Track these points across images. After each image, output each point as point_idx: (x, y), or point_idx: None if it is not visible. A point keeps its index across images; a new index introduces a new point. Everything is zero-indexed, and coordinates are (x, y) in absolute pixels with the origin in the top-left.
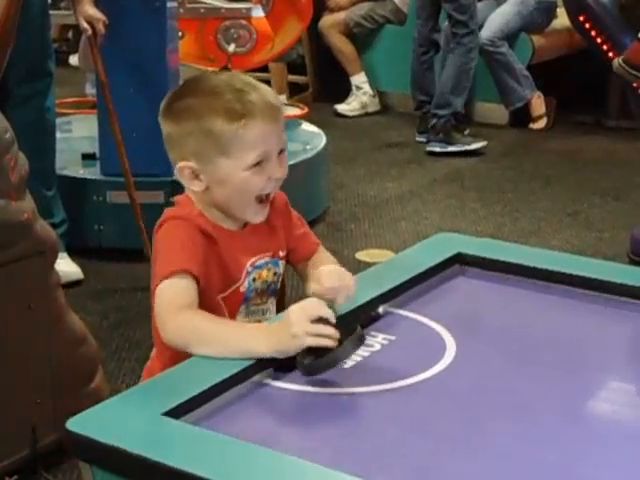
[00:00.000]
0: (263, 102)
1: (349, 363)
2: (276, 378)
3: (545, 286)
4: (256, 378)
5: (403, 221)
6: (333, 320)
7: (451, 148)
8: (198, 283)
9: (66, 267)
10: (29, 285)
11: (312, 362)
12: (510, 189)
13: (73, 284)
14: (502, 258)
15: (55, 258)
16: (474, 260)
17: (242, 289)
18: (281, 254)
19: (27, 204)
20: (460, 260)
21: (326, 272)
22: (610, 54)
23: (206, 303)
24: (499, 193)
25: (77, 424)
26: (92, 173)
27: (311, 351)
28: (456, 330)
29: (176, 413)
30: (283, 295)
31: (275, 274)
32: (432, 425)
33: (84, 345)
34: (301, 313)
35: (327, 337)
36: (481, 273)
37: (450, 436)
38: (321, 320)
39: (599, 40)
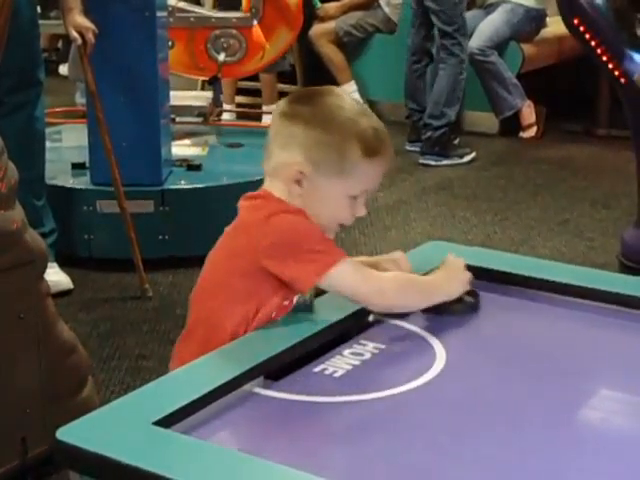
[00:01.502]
0: (390, 146)
1: (339, 372)
2: (266, 387)
3: (535, 294)
4: (246, 387)
5: (393, 230)
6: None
7: (445, 162)
8: None
9: (56, 277)
10: (18, 295)
11: (474, 301)
12: (500, 198)
13: (63, 294)
14: (492, 267)
15: (45, 268)
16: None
17: (294, 300)
18: None
19: (17, 214)
20: None
21: (405, 262)
22: (604, 58)
23: (275, 301)
24: (489, 202)
25: (67, 434)
26: (82, 182)
27: None
28: (446, 339)
29: (166, 422)
30: None
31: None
32: (421, 434)
33: (74, 355)
34: (459, 264)
35: None
36: (471, 282)
37: (439, 445)
38: None
39: (593, 43)
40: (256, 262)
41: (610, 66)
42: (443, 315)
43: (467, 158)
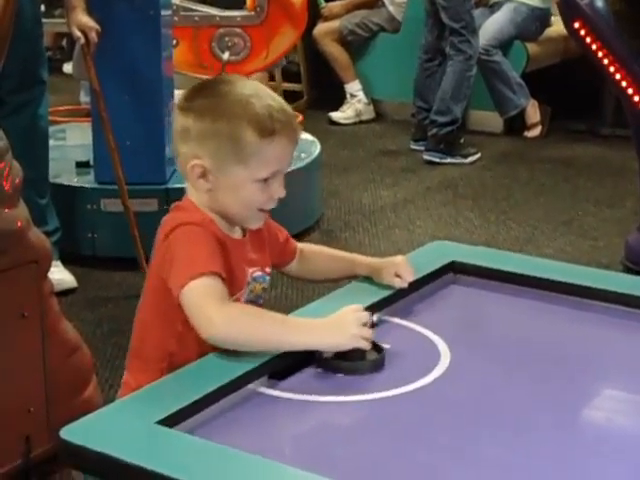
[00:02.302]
0: (290, 123)
1: (344, 371)
2: (270, 386)
3: (539, 294)
4: (250, 386)
5: (397, 229)
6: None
7: (449, 160)
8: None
9: (60, 275)
10: (22, 293)
11: (338, 363)
12: (504, 197)
13: (67, 292)
14: (496, 266)
15: (49, 266)
16: (468, 268)
17: (242, 299)
18: (268, 270)
19: (21, 212)
20: (454, 268)
21: (405, 267)
22: (605, 61)
23: None
24: (493, 201)
25: (71, 433)
26: (86, 181)
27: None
28: (450, 338)
29: (170, 421)
30: None
31: (263, 290)
32: (426, 434)
33: (78, 353)
34: (358, 317)
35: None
36: (475, 281)
37: (443, 445)
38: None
39: (594, 47)
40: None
41: (611, 69)
42: (340, 374)
43: (471, 159)
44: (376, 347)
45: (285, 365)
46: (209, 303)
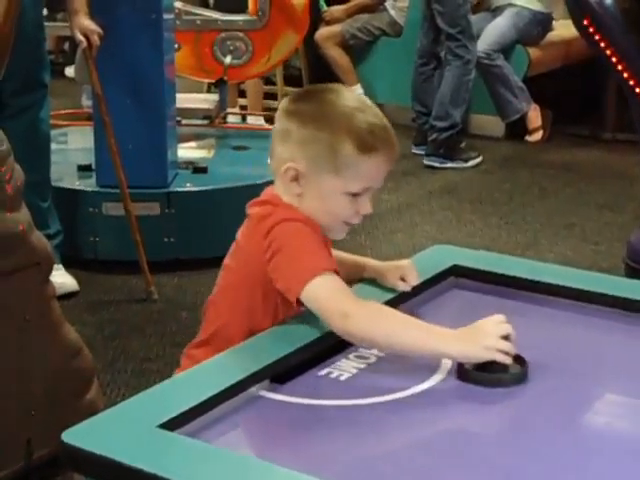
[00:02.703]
0: (390, 143)
1: (345, 375)
2: (272, 390)
3: (540, 299)
4: (252, 390)
5: (399, 233)
6: (514, 342)
7: (450, 164)
8: None
9: (61, 279)
10: (24, 297)
11: (479, 374)
12: (506, 201)
13: (68, 296)
14: (498, 270)
15: (50, 270)
16: (470, 272)
17: None
18: None
19: (23, 216)
20: (456, 272)
21: (410, 270)
22: (614, 59)
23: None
24: (495, 205)
25: (72, 436)
26: (88, 185)
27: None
28: None
29: (172, 425)
30: None
31: None
32: (426, 438)
33: (79, 357)
34: (496, 328)
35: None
36: (477, 285)
37: (443, 449)
38: (507, 338)
39: (603, 44)
40: (263, 275)
41: (619, 67)
42: (482, 386)
43: (472, 163)
44: (519, 359)
45: (287, 369)
46: (344, 299)
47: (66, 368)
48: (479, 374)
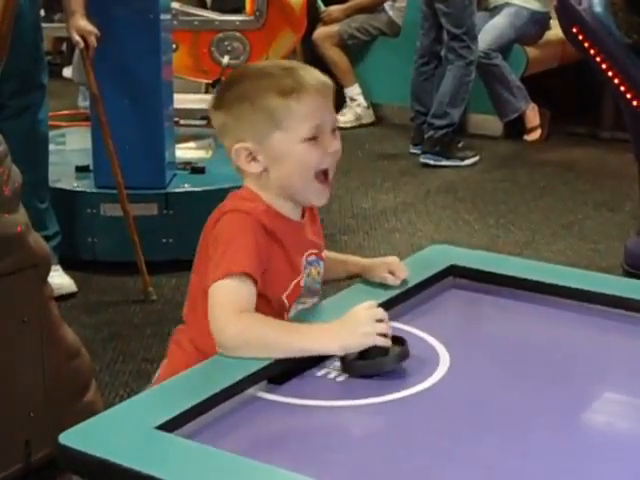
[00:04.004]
0: (314, 77)
1: (342, 376)
2: (269, 391)
3: (539, 298)
4: (249, 391)
5: (397, 233)
6: (389, 325)
7: (445, 162)
8: (256, 285)
9: (59, 280)
10: (22, 298)
11: (362, 363)
12: (504, 201)
13: (66, 297)
14: (496, 270)
15: (48, 271)
16: (468, 272)
17: (301, 283)
18: (323, 255)
19: (20, 217)
20: (454, 272)
21: (398, 265)
22: (604, 66)
23: (272, 302)
24: (493, 205)
25: (70, 438)
26: (86, 186)
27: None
28: (449, 343)
29: (169, 426)
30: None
31: (319, 273)
32: (424, 439)
33: (77, 358)
34: (369, 313)
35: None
36: (475, 285)
37: (442, 449)
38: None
39: (592, 52)
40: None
41: (609, 74)
42: (366, 376)
43: (468, 161)
44: (397, 340)
45: (284, 370)
46: (226, 312)
47: (64, 369)
48: (362, 363)
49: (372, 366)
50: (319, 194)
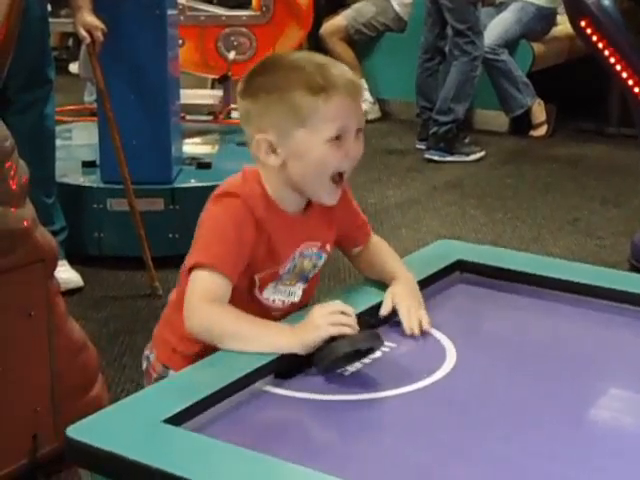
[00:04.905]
0: (345, 78)
1: (350, 370)
2: (277, 385)
3: (545, 293)
4: (257, 385)
5: (403, 228)
6: (352, 314)
7: (450, 158)
8: (232, 279)
9: (66, 275)
10: (29, 293)
11: (325, 350)
12: (510, 196)
13: (73, 292)
14: (502, 265)
15: (55, 266)
16: (474, 267)
17: (281, 271)
18: (328, 248)
19: (27, 212)
20: (460, 267)
21: (405, 313)
22: (612, 59)
23: (243, 279)
24: (499, 200)
25: (77, 432)
26: (92, 181)
27: (326, 347)
28: (456, 337)
29: (177, 420)
30: (314, 285)
31: (314, 266)
32: (432, 433)
33: (84, 353)
34: (323, 308)
35: (347, 327)
36: (481, 280)
37: (449, 444)
38: (342, 314)
39: (600, 45)
40: None
41: (618, 68)
42: (341, 369)
43: (473, 157)
44: (368, 326)
45: (291, 364)
46: (198, 300)
47: (71, 364)
48: (319, 353)
49: (328, 354)
50: (331, 194)
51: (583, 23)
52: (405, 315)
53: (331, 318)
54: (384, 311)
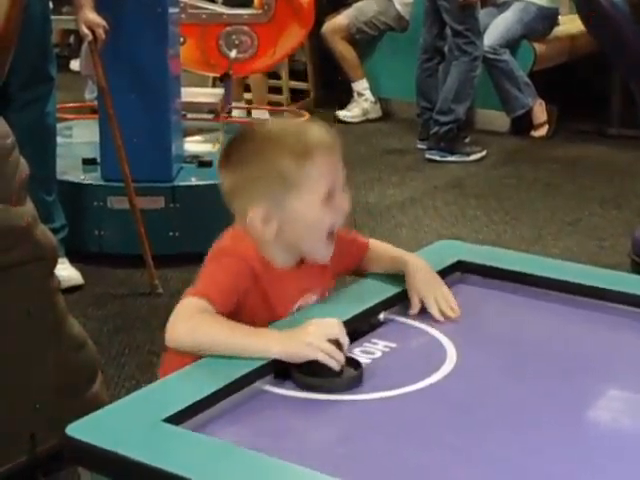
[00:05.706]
0: (324, 138)
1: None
2: (276, 385)
3: (546, 294)
4: (256, 385)
5: (404, 228)
6: (346, 347)
7: (451, 158)
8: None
9: (66, 272)
10: (29, 290)
11: (311, 379)
12: (511, 197)
13: (73, 289)
14: (503, 266)
15: (55, 263)
16: (475, 268)
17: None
18: (327, 293)
19: (27, 209)
20: (461, 268)
21: (433, 304)
22: (620, 55)
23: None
24: (500, 201)
25: (77, 430)
26: (93, 178)
27: (311, 364)
28: (457, 338)
29: (176, 419)
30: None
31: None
32: (432, 433)
33: (84, 350)
34: (321, 329)
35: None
36: (482, 281)
37: (450, 444)
38: (336, 343)
39: (610, 40)
40: None
41: (627, 64)
42: (314, 391)
43: (474, 157)
44: (353, 363)
45: (291, 364)
46: (181, 315)
47: (70, 362)
48: (307, 378)
49: (316, 385)
50: (326, 252)
51: (593, 17)
52: (433, 305)
53: (324, 345)
54: (414, 311)
